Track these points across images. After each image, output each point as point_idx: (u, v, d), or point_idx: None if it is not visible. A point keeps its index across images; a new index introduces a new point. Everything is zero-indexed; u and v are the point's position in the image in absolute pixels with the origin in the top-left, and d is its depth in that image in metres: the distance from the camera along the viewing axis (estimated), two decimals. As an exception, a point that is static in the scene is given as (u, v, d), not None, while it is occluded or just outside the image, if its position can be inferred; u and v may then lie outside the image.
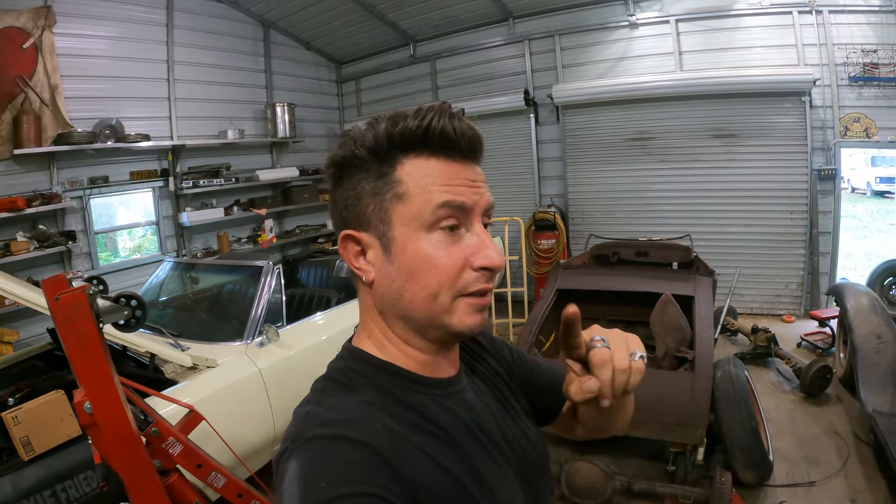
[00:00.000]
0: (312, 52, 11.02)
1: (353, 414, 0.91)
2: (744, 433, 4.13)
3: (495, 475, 1.01)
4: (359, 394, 0.97)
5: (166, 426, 2.68)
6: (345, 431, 0.86)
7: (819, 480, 4.38)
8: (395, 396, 0.98)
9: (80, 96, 7.27)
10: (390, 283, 0.98)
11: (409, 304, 0.97)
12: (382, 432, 0.89)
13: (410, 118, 0.95)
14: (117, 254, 8.17)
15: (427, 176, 0.95)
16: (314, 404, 0.95)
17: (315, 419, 0.91)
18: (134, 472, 2.44)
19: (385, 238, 0.97)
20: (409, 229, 0.95)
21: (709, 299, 5.18)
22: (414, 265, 0.95)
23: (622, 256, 6.18)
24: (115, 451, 2.40)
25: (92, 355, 2.31)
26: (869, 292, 5.84)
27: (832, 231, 8.06)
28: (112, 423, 2.36)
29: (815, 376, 5.61)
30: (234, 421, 4.00)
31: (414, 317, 0.98)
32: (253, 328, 4.55)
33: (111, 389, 2.36)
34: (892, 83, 7.49)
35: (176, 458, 2.69)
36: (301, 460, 0.84)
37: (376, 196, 0.97)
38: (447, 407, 1.03)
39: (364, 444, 0.85)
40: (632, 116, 8.79)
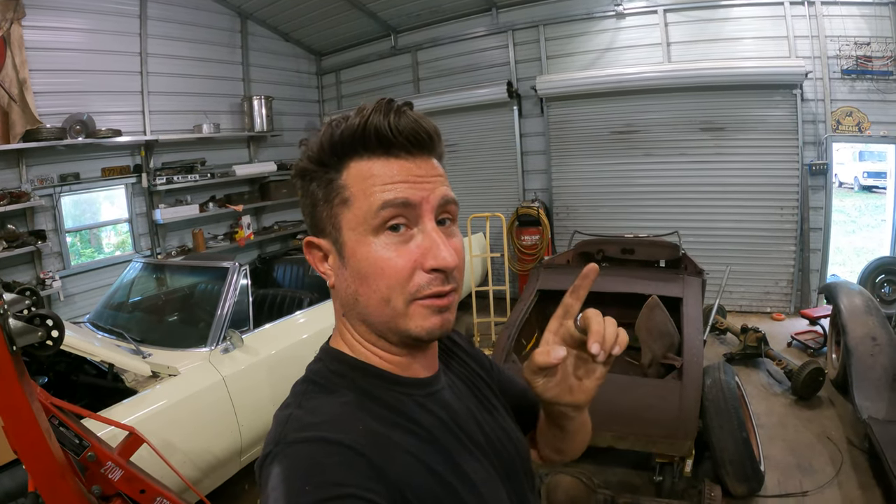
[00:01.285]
0: (291, 43, 10.86)
1: (334, 416, 0.91)
2: (734, 445, 3.96)
3: (478, 472, 1.00)
4: (338, 395, 0.96)
5: (104, 451, 2.55)
6: (326, 434, 0.86)
7: (812, 490, 4.23)
8: (374, 397, 0.97)
9: (50, 91, 7.09)
10: (346, 288, 0.99)
11: (365, 308, 0.97)
12: (364, 433, 0.88)
13: (346, 121, 0.95)
14: (101, 250, 8.10)
15: (369, 178, 0.94)
16: (294, 407, 0.94)
17: (296, 422, 0.90)
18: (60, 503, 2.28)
19: (338, 244, 0.97)
20: (356, 234, 0.95)
21: (698, 301, 5.02)
22: (364, 269, 0.94)
23: (607, 254, 6.07)
24: (39, 481, 2.26)
25: (4, 382, 2.14)
26: (863, 291, 5.70)
27: (823, 227, 7.96)
28: (32, 455, 2.23)
29: (807, 379, 5.45)
30: (197, 432, 3.90)
31: (371, 321, 0.99)
32: (217, 333, 4.36)
33: (28, 419, 2.20)
34: (885, 77, 7.38)
35: (116, 483, 2.56)
36: (284, 464, 0.83)
37: (326, 203, 0.97)
38: (427, 407, 1.02)
39: (347, 447, 0.84)
40: (618, 109, 8.68)
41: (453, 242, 0.97)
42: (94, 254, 7.91)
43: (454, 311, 1.00)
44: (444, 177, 1.00)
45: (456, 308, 1.01)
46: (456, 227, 1.02)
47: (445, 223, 0.99)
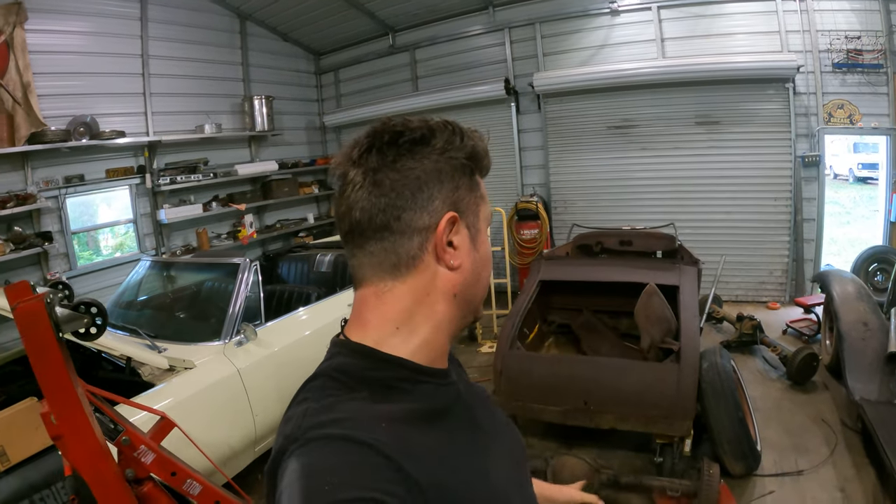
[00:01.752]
0: (290, 43, 10.93)
1: (356, 413, 0.90)
2: (731, 424, 4.09)
3: (495, 464, 1.05)
4: (358, 392, 0.95)
5: (137, 435, 2.61)
6: (348, 431, 0.85)
7: (807, 469, 4.36)
8: (396, 390, 0.97)
9: (54, 94, 7.12)
10: (474, 269, 1.06)
11: (481, 287, 1.10)
12: (386, 432, 0.87)
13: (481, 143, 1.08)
14: (99, 252, 8.06)
15: (484, 188, 1.11)
16: (312, 402, 0.93)
17: (315, 418, 0.89)
18: (102, 484, 2.37)
19: (474, 228, 1.06)
20: (484, 225, 1.09)
21: (693, 288, 5.15)
22: (486, 255, 1.09)
23: (606, 246, 6.16)
24: (82, 463, 2.33)
25: (52, 366, 2.23)
26: (855, 279, 5.86)
27: (816, 218, 8.08)
28: (77, 435, 2.30)
29: (801, 364, 5.59)
30: (213, 423, 3.95)
31: (476, 298, 1.10)
32: (230, 327, 4.47)
33: (73, 401, 2.28)
34: (875, 70, 7.50)
35: (149, 466, 2.61)
36: (303, 460, 0.82)
37: (471, 192, 1.05)
38: (448, 395, 1.05)
39: (369, 446, 0.83)
40: (614, 104, 8.78)
41: None
42: (92, 256, 7.90)
43: None
44: None
45: None
46: None
47: None
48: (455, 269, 1.03)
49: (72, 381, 2.28)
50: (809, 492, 4.12)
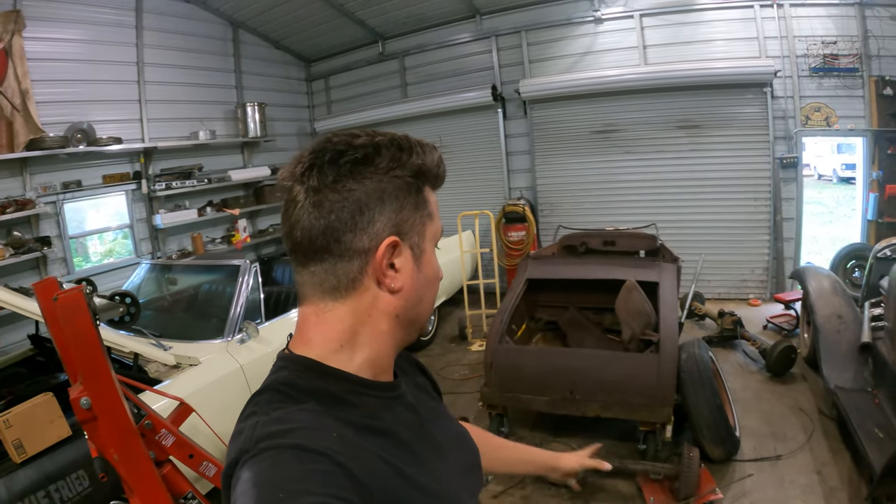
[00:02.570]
0: (282, 50, 11.01)
1: (307, 423, 0.90)
2: (709, 411, 4.28)
3: (444, 473, 1.07)
4: (306, 404, 0.95)
5: (158, 419, 2.74)
6: (301, 441, 0.85)
7: (785, 454, 4.55)
8: (344, 402, 0.98)
9: (51, 100, 7.16)
10: (417, 290, 1.05)
11: (424, 308, 1.09)
12: (339, 441, 0.88)
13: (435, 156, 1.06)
14: (88, 259, 8.03)
15: (434, 203, 1.08)
16: (262, 415, 0.93)
17: (265, 429, 0.88)
18: (133, 463, 2.50)
19: (419, 249, 1.04)
20: (430, 244, 1.07)
21: (673, 285, 5.35)
22: (432, 276, 1.08)
23: (590, 246, 6.30)
24: (115, 442, 2.46)
25: (91, 351, 2.37)
26: (830, 275, 6.04)
27: (795, 217, 8.28)
28: (112, 416, 2.43)
29: (779, 356, 5.79)
30: (218, 417, 3.97)
31: (419, 319, 1.09)
32: (233, 325, 4.61)
33: (110, 383, 2.42)
34: (851, 73, 7.72)
35: (169, 449, 2.75)
36: (255, 470, 0.82)
37: (416, 211, 1.03)
38: (394, 408, 1.06)
39: (322, 454, 0.83)
40: (598, 109, 8.94)
41: None
42: (81, 263, 7.84)
43: None
44: None
45: None
46: None
47: None
48: (396, 292, 1.02)
49: (108, 364, 2.43)
50: (787, 475, 4.30)
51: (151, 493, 2.55)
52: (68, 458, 3.12)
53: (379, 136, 1.01)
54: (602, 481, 4.36)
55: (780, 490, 4.15)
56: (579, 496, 4.23)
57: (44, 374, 4.11)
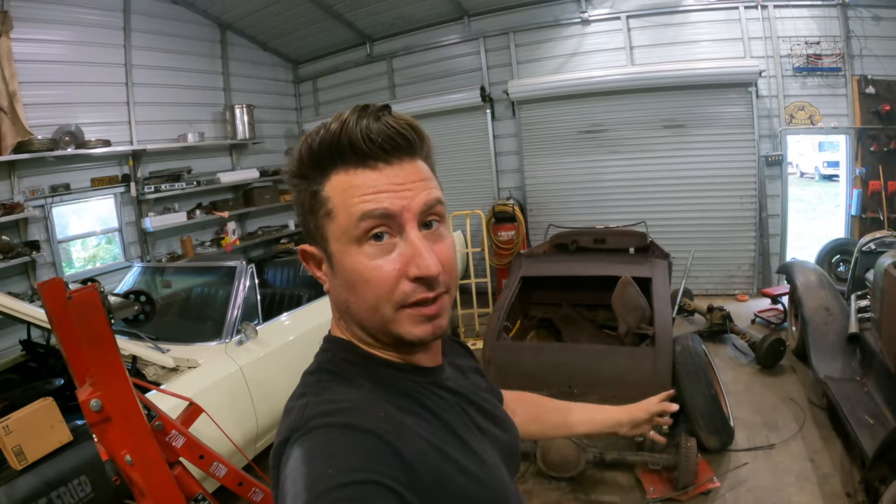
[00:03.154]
0: (269, 52, 10.98)
1: (356, 402, 0.91)
2: (704, 401, 4.37)
3: (486, 455, 1.03)
4: (355, 383, 0.97)
5: (169, 420, 2.76)
6: (350, 420, 0.86)
7: (778, 443, 4.65)
8: (388, 385, 0.98)
9: (39, 102, 7.09)
10: (338, 295, 1.00)
11: (356, 314, 0.99)
12: (386, 420, 0.88)
13: (322, 132, 0.95)
14: (71, 264, 7.89)
15: (348, 189, 0.93)
16: (312, 395, 0.94)
17: (316, 408, 0.90)
18: (148, 465, 2.50)
19: (327, 253, 0.98)
20: (341, 244, 0.95)
21: (665, 280, 5.41)
22: (351, 279, 0.95)
23: (581, 244, 6.35)
24: (131, 444, 2.45)
25: (106, 351, 2.38)
26: (817, 269, 6.17)
27: (781, 213, 8.40)
28: (126, 417, 2.43)
29: (769, 349, 5.89)
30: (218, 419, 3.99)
31: (365, 326, 1.00)
32: (231, 327, 4.60)
33: (125, 383, 2.43)
34: (834, 73, 7.87)
35: (179, 450, 2.77)
36: (306, 447, 0.83)
37: (312, 214, 0.98)
38: (437, 393, 1.04)
39: (371, 433, 0.84)
40: (585, 110, 9.00)
41: (439, 247, 0.97)
42: (65, 268, 7.67)
43: (446, 314, 1.01)
44: (427, 179, 0.99)
45: (448, 310, 1.02)
46: (444, 227, 1.01)
47: (432, 225, 0.98)
48: (329, 294, 1.04)
49: (122, 362, 2.43)
50: (781, 463, 4.39)
51: (166, 496, 2.56)
52: (70, 464, 3.06)
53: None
54: (601, 473, 4.44)
55: (775, 477, 4.24)
56: (580, 488, 4.31)
57: (37, 379, 4.06)
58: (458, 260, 8.22)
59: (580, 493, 4.28)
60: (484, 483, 0.97)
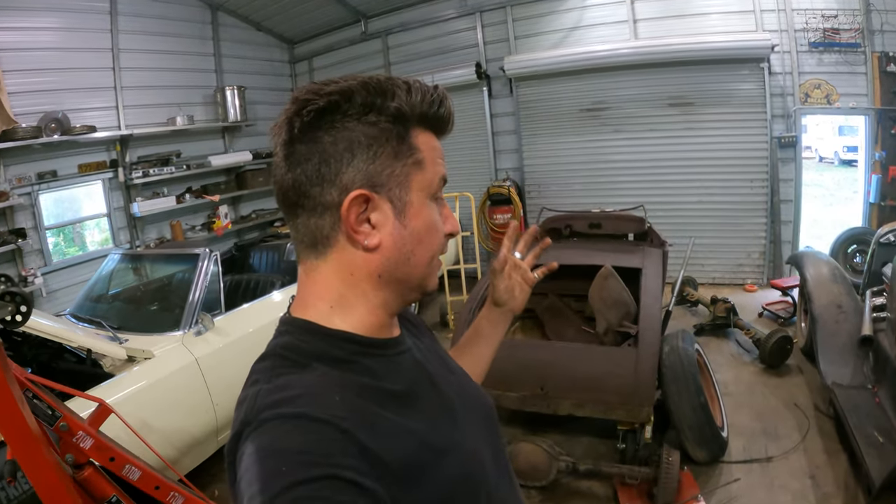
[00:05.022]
0: (264, 32, 10.87)
1: (310, 389, 0.87)
2: (692, 410, 4.02)
3: (458, 428, 1.03)
4: (310, 369, 0.92)
5: (75, 420, 2.68)
6: (304, 409, 0.82)
7: (777, 456, 4.30)
8: (349, 364, 0.95)
9: (24, 90, 7.11)
10: (402, 247, 0.98)
11: (414, 266, 1.00)
12: (342, 405, 0.85)
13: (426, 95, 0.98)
14: (85, 247, 8.14)
15: (433, 149, 1.01)
16: (263, 383, 0.90)
17: (267, 398, 0.86)
18: (36, 469, 2.43)
19: (401, 202, 0.97)
20: (422, 196, 0.99)
21: (657, 271, 5.09)
22: (424, 230, 0.99)
23: (575, 229, 6.12)
24: (14, 446, 2.40)
25: None
26: (829, 261, 5.81)
27: (794, 199, 8.03)
28: (7, 421, 2.36)
29: (774, 347, 5.53)
30: (173, 412, 4.08)
31: (411, 278, 1.02)
32: (190, 317, 4.55)
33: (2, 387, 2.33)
34: (853, 49, 7.42)
35: (87, 451, 2.69)
36: (257, 443, 0.80)
37: (397, 159, 0.96)
38: (400, 365, 1.03)
39: (325, 422, 0.81)
40: (586, 87, 8.76)
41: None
42: (78, 251, 7.96)
43: None
44: None
45: None
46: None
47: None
48: (372, 250, 0.97)
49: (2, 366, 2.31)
50: (778, 479, 4.05)
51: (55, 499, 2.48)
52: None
53: (353, 79, 0.95)
54: (577, 483, 4.16)
55: (769, 495, 3.91)
56: (552, 497, 4.06)
57: None
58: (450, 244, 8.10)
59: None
60: (456, 456, 0.97)
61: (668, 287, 5.69)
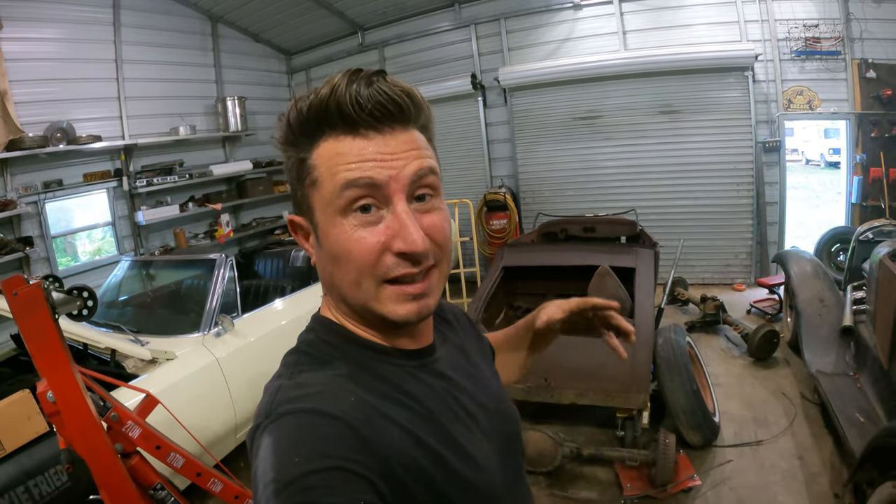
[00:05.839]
0: (262, 43, 10.95)
1: (326, 387, 0.89)
2: (685, 396, 4.26)
3: (472, 444, 0.99)
4: (331, 367, 0.95)
5: (124, 411, 2.77)
6: (318, 405, 0.85)
7: (767, 439, 4.52)
8: (366, 368, 0.96)
9: (30, 100, 7.14)
10: (324, 268, 0.98)
11: (340, 289, 0.96)
12: (356, 405, 0.87)
13: (309, 98, 0.91)
14: (77, 258, 8.04)
15: (335, 156, 0.89)
16: (286, 378, 0.93)
17: (287, 393, 0.89)
18: (97, 455, 2.55)
19: (313, 223, 0.95)
20: (326, 215, 0.91)
21: (649, 270, 5.31)
22: (335, 251, 0.92)
23: (570, 233, 6.28)
24: (78, 435, 2.51)
25: (50, 345, 2.44)
26: (812, 258, 6.04)
27: (779, 201, 8.25)
28: (73, 409, 2.48)
29: (761, 340, 5.75)
30: (195, 410, 4.09)
31: (348, 302, 0.97)
32: (209, 319, 4.62)
33: (69, 376, 2.47)
34: (833, 56, 7.67)
35: (135, 440, 2.79)
36: (274, 435, 0.82)
37: (299, 183, 0.95)
38: (421, 378, 1.01)
39: (337, 418, 0.83)
40: (578, 96, 8.89)
41: (430, 219, 0.94)
42: (69, 262, 7.88)
43: (436, 293, 0.97)
44: (421, 149, 0.94)
45: (438, 287, 0.98)
46: (438, 199, 0.97)
47: (425, 199, 0.94)
48: (316, 267, 1.01)
49: (68, 358, 2.47)
50: (768, 460, 4.26)
51: (116, 485, 2.61)
52: (46, 454, 3.17)
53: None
54: (581, 469, 4.34)
55: (760, 475, 4.12)
56: (557, 483, 4.22)
57: (28, 372, 4.09)
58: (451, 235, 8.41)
59: (556, 489, 4.18)
60: (465, 474, 0.94)
61: (660, 288, 5.88)
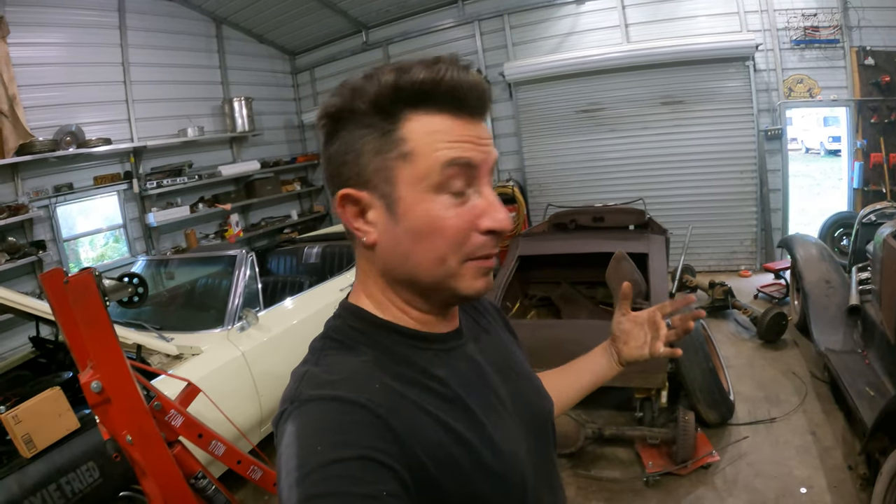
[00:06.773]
0: (266, 44, 11.03)
1: (351, 374, 0.89)
2: (702, 374, 4.37)
3: (500, 429, 0.98)
4: (357, 353, 0.94)
5: (167, 400, 2.82)
6: (342, 392, 0.84)
7: (780, 417, 4.65)
8: (394, 354, 0.95)
9: (39, 105, 7.20)
10: (396, 246, 0.93)
11: (416, 267, 0.93)
12: (381, 392, 0.86)
13: (418, 69, 0.88)
14: (80, 264, 7.94)
15: (434, 132, 0.89)
16: (311, 364, 0.93)
17: (312, 379, 0.88)
18: (147, 443, 2.57)
19: (389, 199, 0.91)
20: (416, 190, 0.89)
21: (662, 255, 5.41)
22: (422, 228, 0.90)
23: (580, 223, 6.34)
24: (129, 423, 2.52)
25: (102, 332, 2.46)
26: (817, 242, 6.14)
27: (782, 188, 8.36)
28: (124, 396, 2.50)
29: (770, 323, 5.87)
30: (222, 404, 4.06)
31: (419, 280, 0.94)
32: (233, 314, 4.66)
33: (121, 363, 2.50)
34: (832, 45, 7.78)
35: (178, 429, 2.83)
36: (297, 422, 0.82)
37: (379, 154, 0.90)
38: (448, 362, 1.00)
39: (361, 406, 0.82)
40: (582, 89, 8.97)
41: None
42: (72, 267, 7.73)
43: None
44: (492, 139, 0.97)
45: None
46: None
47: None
48: (372, 248, 0.96)
49: (118, 342, 2.50)
50: (782, 436, 4.38)
51: (165, 473, 2.62)
52: (78, 451, 3.17)
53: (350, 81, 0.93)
54: (602, 449, 4.46)
55: (775, 450, 4.23)
56: (580, 464, 4.33)
57: (47, 374, 4.13)
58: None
59: (580, 469, 4.29)
60: (493, 462, 0.93)
61: (669, 276, 5.95)
